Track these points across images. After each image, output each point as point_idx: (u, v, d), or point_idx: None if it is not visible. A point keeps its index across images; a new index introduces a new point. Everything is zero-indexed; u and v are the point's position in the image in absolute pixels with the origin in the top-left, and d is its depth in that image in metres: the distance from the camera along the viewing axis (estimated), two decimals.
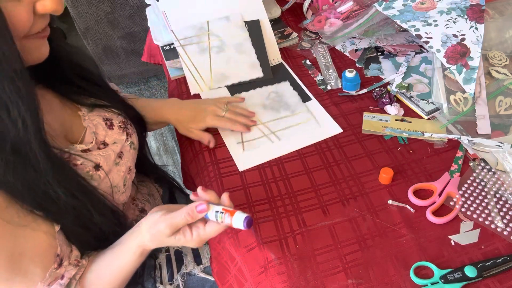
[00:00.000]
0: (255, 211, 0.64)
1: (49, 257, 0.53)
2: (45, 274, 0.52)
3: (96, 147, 0.61)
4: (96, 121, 0.64)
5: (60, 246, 0.54)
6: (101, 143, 0.62)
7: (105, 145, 0.63)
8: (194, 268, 0.76)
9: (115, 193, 0.62)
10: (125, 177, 0.64)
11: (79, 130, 0.62)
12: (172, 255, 0.77)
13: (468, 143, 0.71)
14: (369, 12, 0.90)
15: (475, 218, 0.61)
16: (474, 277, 0.53)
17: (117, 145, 0.64)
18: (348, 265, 0.57)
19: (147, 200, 0.81)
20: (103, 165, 0.60)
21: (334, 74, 0.88)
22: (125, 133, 0.67)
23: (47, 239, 0.52)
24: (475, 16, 0.77)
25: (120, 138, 0.65)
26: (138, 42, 1.82)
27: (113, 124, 0.65)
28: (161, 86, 2.06)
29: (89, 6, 1.66)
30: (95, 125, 0.63)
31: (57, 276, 0.54)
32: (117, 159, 0.63)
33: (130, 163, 0.67)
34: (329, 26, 0.97)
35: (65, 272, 0.55)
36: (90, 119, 0.63)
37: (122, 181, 0.63)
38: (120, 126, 0.66)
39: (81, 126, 0.62)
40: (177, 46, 0.86)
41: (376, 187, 0.66)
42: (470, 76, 0.73)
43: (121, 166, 0.63)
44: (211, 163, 0.73)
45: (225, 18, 0.89)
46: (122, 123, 0.67)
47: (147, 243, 0.56)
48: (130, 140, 0.67)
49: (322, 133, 0.76)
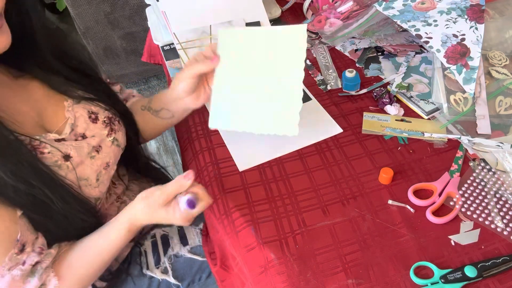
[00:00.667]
0: (255, 211, 0.64)
1: (7, 241, 0.52)
2: (3, 258, 0.52)
3: (73, 138, 0.61)
4: (79, 113, 0.64)
5: (21, 232, 0.53)
6: (80, 135, 0.62)
7: (84, 138, 0.62)
8: (181, 249, 0.76)
9: (84, 186, 0.61)
10: (99, 171, 0.63)
11: (60, 120, 0.62)
12: (159, 239, 0.77)
13: (468, 143, 0.71)
14: (369, 12, 0.90)
15: (475, 218, 0.61)
16: (474, 277, 0.53)
17: (95, 139, 0.64)
18: (348, 265, 0.57)
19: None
20: (74, 156, 0.59)
21: (334, 74, 0.88)
22: (108, 128, 0.66)
23: (7, 222, 0.52)
24: (475, 16, 0.77)
25: (101, 133, 0.65)
26: (138, 42, 1.82)
27: (98, 118, 0.65)
28: (161, 86, 2.07)
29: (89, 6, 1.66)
30: (77, 117, 0.63)
31: (18, 262, 0.54)
32: (92, 152, 0.63)
33: (110, 159, 0.66)
34: (329, 26, 0.97)
35: (26, 258, 0.55)
36: (74, 111, 0.63)
37: (95, 175, 0.63)
38: (104, 121, 0.66)
39: (63, 117, 0.62)
40: (178, 49, 0.86)
41: (376, 187, 0.66)
42: (470, 76, 0.73)
43: (96, 160, 0.63)
44: (211, 163, 0.73)
45: (227, 23, 0.89)
46: (108, 118, 0.67)
47: (139, 213, 0.59)
48: (114, 136, 0.67)
49: (322, 133, 0.76)
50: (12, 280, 0.54)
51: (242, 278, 0.64)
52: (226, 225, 0.65)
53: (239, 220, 0.64)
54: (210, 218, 0.69)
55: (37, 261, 0.56)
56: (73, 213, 0.58)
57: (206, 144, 0.77)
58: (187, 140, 0.81)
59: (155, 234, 0.78)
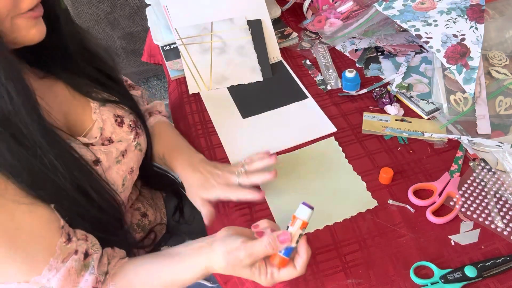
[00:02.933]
0: (255, 211, 0.64)
1: (52, 230, 0.50)
2: (53, 248, 0.49)
3: (100, 142, 0.60)
4: (106, 116, 0.62)
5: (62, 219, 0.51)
6: (107, 139, 0.61)
7: (110, 142, 0.61)
8: None
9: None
10: (125, 176, 0.63)
11: (86, 123, 0.61)
12: None
13: (468, 143, 0.71)
14: (369, 12, 0.90)
15: (475, 218, 0.61)
16: (474, 277, 0.53)
17: (122, 144, 0.63)
18: (348, 265, 0.57)
19: (150, 205, 0.80)
20: (103, 160, 0.58)
21: (334, 74, 0.88)
22: (133, 133, 0.65)
23: (47, 214, 0.50)
24: (475, 16, 0.77)
25: (127, 137, 0.64)
26: (138, 42, 1.82)
27: (124, 122, 0.64)
28: (161, 86, 2.06)
29: (89, 6, 1.66)
30: (104, 120, 0.62)
31: (70, 251, 0.51)
32: (119, 157, 0.62)
33: (134, 163, 0.65)
34: (329, 26, 0.97)
35: (76, 246, 0.52)
36: (100, 113, 0.62)
37: (121, 180, 0.62)
38: (130, 125, 0.65)
39: (89, 119, 0.61)
40: (179, 44, 0.86)
41: (376, 187, 0.66)
42: (470, 76, 0.73)
43: (122, 165, 0.62)
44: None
45: (229, 20, 0.89)
46: (133, 122, 0.66)
47: (218, 267, 0.51)
48: (137, 141, 0.66)
49: (317, 131, 0.76)
50: (68, 273, 0.50)
51: (242, 278, 0.64)
52: (226, 225, 0.64)
53: (239, 220, 0.63)
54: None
55: (86, 250, 0.53)
56: (103, 214, 0.56)
57: (206, 144, 0.77)
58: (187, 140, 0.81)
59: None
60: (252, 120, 0.80)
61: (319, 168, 0.69)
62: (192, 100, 0.86)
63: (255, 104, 0.83)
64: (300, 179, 0.68)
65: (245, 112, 0.82)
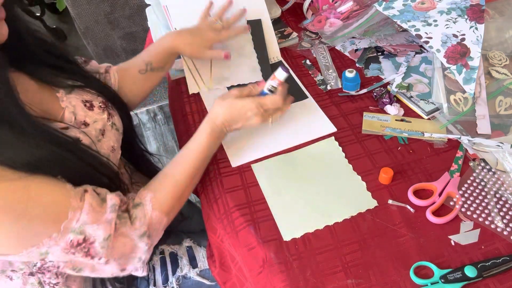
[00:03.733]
0: (255, 211, 0.64)
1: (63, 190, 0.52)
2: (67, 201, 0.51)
3: (76, 126, 0.61)
4: (74, 102, 0.63)
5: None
6: (82, 123, 0.62)
7: (86, 125, 0.62)
8: (190, 271, 0.76)
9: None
10: (108, 154, 0.63)
11: (57, 111, 0.61)
12: (167, 257, 0.77)
13: (468, 143, 0.71)
14: (369, 12, 0.90)
15: (475, 218, 0.61)
16: (474, 277, 0.53)
17: (98, 123, 0.64)
18: (347, 265, 0.57)
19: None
20: (84, 139, 0.59)
21: (334, 74, 0.88)
22: (106, 113, 0.66)
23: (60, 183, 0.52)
24: (475, 16, 0.77)
25: (101, 117, 0.65)
26: (138, 42, 1.82)
27: (93, 105, 0.65)
28: (161, 86, 2.06)
29: (89, 6, 1.66)
30: (74, 106, 0.63)
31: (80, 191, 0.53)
32: (99, 136, 0.63)
33: (113, 142, 0.66)
34: (329, 26, 0.97)
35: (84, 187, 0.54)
36: (68, 101, 0.62)
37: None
38: (100, 107, 0.66)
39: (59, 107, 0.61)
40: None
41: (376, 187, 0.66)
42: (470, 76, 0.73)
43: (103, 143, 0.63)
44: (211, 163, 0.73)
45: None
46: (103, 103, 0.67)
47: (218, 110, 0.66)
48: (112, 121, 0.67)
49: (317, 131, 0.76)
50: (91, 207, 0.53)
51: (241, 278, 0.64)
52: (226, 224, 0.64)
53: (239, 220, 0.64)
54: (210, 218, 0.69)
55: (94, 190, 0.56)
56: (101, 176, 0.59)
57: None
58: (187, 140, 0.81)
59: (164, 251, 0.78)
60: None
61: (319, 168, 0.70)
62: (192, 100, 0.86)
63: None
64: (300, 179, 0.68)
65: None
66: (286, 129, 0.77)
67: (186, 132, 0.82)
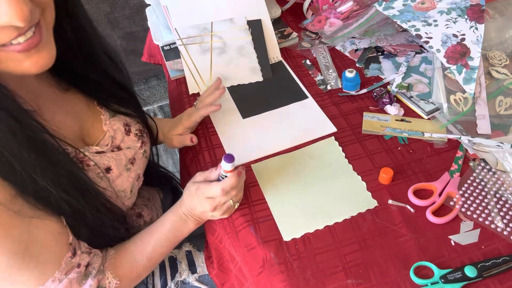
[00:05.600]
0: (255, 211, 0.64)
1: (61, 244, 0.52)
2: (60, 262, 0.52)
3: (110, 149, 0.62)
4: (116, 126, 0.64)
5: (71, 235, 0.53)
6: (116, 147, 0.63)
7: (119, 149, 0.63)
8: (189, 277, 0.76)
9: (121, 197, 0.62)
10: (133, 183, 0.64)
11: (98, 133, 0.62)
12: (166, 261, 0.77)
13: (468, 143, 0.71)
14: (369, 12, 0.90)
15: (475, 218, 0.61)
16: (474, 277, 0.53)
17: (131, 151, 0.64)
18: (348, 265, 0.57)
19: (146, 205, 0.80)
20: (114, 168, 0.60)
21: (334, 74, 0.88)
22: (140, 141, 0.67)
23: (57, 227, 0.52)
24: (475, 16, 0.77)
25: (134, 145, 0.66)
26: (138, 42, 1.82)
27: (131, 131, 0.66)
28: (161, 86, 2.06)
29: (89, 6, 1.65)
30: (115, 130, 0.64)
31: (73, 265, 0.54)
32: (128, 164, 0.63)
33: (140, 170, 0.67)
34: (329, 26, 0.97)
35: (80, 260, 0.55)
36: (110, 124, 0.64)
37: (130, 187, 0.63)
38: (136, 134, 0.67)
39: (100, 130, 0.63)
40: (179, 44, 0.86)
41: (376, 187, 0.66)
42: (470, 76, 0.73)
43: (131, 172, 0.64)
44: (211, 163, 0.73)
45: (229, 20, 0.89)
46: (139, 131, 0.68)
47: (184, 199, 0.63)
48: (144, 148, 0.68)
49: (317, 131, 0.76)
50: (69, 284, 0.53)
51: (241, 279, 0.64)
52: (226, 225, 0.64)
53: (239, 220, 0.64)
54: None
55: (89, 262, 0.56)
56: (107, 222, 0.58)
57: (206, 144, 0.77)
58: None
59: None
60: (252, 120, 0.80)
61: (319, 168, 0.70)
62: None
63: (255, 104, 0.83)
64: (300, 179, 0.68)
65: (245, 112, 0.82)
66: (286, 129, 0.77)
67: None
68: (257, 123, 0.80)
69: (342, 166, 0.69)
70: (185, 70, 0.87)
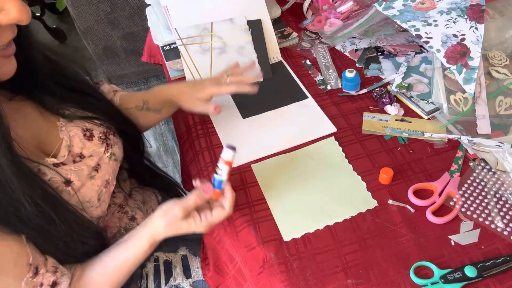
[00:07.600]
0: (255, 211, 0.64)
1: (21, 266, 0.51)
2: (19, 283, 0.51)
3: (71, 159, 0.59)
4: (73, 132, 0.61)
5: (32, 255, 0.52)
6: (77, 155, 0.60)
7: (82, 158, 0.60)
8: (183, 281, 0.75)
9: (87, 208, 0.60)
10: (100, 191, 0.62)
11: (55, 141, 0.59)
12: (161, 265, 0.76)
13: (468, 143, 0.71)
14: (369, 12, 0.90)
15: (475, 218, 0.61)
16: (474, 277, 0.53)
17: (93, 158, 0.62)
18: (348, 265, 0.57)
19: (139, 208, 0.78)
20: (74, 180, 0.57)
21: (334, 74, 0.88)
22: (104, 144, 0.64)
23: (16, 247, 0.51)
24: (475, 16, 0.77)
25: (98, 150, 0.63)
26: (138, 42, 1.82)
27: (93, 135, 0.63)
28: None
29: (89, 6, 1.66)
30: (72, 137, 0.60)
31: (35, 285, 0.53)
32: (92, 172, 0.61)
33: (109, 175, 0.64)
34: (329, 26, 0.97)
35: (43, 279, 0.54)
36: (67, 130, 0.60)
37: (97, 196, 0.61)
38: (100, 137, 0.64)
39: (57, 138, 0.60)
40: (179, 44, 0.86)
41: (376, 187, 0.66)
42: (470, 76, 0.73)
43: (96, 180, 0.61)
44: (211, 163, 0.73)
45: (229, 20, 0.89)
46: (103, 133, 0.65)
47: (160, 230, 0.58)
48: (111, 151, 0.65)
49: (317, 131, 0.76)
50: None
51: (240, 279, 0.64)
52: (226, 225, 0.64)
53: (239, 220, 0.64)
54: None
55: (54, 281, 0.55)
56: (75, 237, 0.57)
57: (206, 144, 0.77)
58: (187, 140, 0.81)
59: (158, 258, 0.77)
60: (252, 120, 0.80)
61: (319, 168, 0.70)
62: None
63: (255, 104, 0.83)
64: (300, 179, 0.68)
65: (245, 112, 0.82)
66: (286, 129, 0.77)
67: (186, 132, 0.82)
68: (257, 123, 0.80)
69: (342, 166, 0.69)
70: (185, 70, 0.87)
